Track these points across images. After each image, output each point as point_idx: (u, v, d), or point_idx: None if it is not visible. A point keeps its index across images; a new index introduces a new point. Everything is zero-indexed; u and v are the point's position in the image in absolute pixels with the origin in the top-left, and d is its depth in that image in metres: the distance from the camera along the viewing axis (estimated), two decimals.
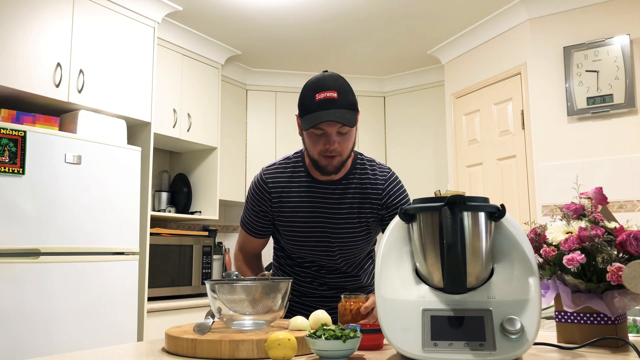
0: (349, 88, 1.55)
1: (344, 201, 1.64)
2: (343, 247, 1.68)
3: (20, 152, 2.51)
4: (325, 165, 1.57)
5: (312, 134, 1.54)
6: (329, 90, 1.49)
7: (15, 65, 2.67)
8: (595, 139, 3.18)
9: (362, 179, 1.66)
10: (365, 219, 1.66)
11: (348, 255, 1.71)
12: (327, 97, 1.48)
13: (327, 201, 1.64)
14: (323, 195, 1.64)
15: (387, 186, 1.67)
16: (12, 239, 2.47)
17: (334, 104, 1.48)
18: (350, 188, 1.65)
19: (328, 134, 1.52)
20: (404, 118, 4.74)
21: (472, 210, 1.08)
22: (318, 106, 1.49)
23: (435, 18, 3.71)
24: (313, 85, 1.53)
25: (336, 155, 1.55)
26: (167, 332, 1.28)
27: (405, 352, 1.05)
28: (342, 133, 1.53)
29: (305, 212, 1.65)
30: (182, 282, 3.60)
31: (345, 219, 1.65)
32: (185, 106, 3.83)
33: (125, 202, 2.97)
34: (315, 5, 3.51)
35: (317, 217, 1.65)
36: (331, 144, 1.52)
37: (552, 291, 1.26)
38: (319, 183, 1.65)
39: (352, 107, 1.53)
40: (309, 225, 1.66)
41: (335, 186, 1.64)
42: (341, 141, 1.54)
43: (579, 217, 1.28)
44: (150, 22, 3.39)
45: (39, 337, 2.51)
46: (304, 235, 1.68)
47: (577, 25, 3.29)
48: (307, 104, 1.52)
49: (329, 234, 1.66)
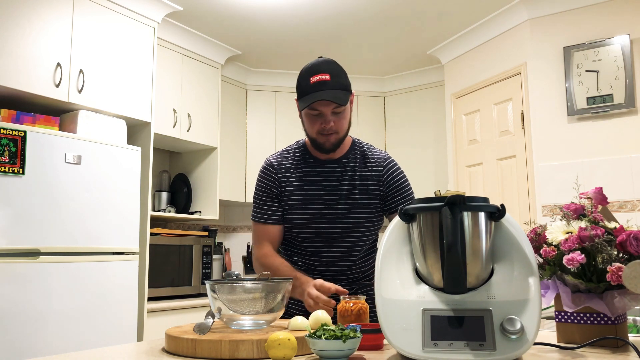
0: (341, 71, 1.68)
1: (345, 179, 1.74)
2: (346, 226, 1.72)
3: (20, 152, 2.51)
4: (323, 142, 1.69)
5: (309, 115, 1.67)
6: (322, 73, 1.63)
7: (15, 65, 2.67)
8: (595, 139, 3.18)
9: (362, 158, 1.78)
10: (367, 197, 1.74)
11: (350, 238, 1.73)
12: (321, 79, 1.62)
13: (329, 179, 1.74)
14: (325, 174, 1.74)
15: (387, 164, 1.78)
16: (12, 239, 2.47)
17: (326, 85, 1.62)
18: (350, 166, 1.76)
19: (324, 114, 1.65)
20: (404, 118, 4.74)
21: (472, 210, 1.08)
22: (312, 88, 1.62)
23: (435, 18, 3.71)
24: (308, 70, 1.67)
25: (332, 133, 1.67)
26: (167, 332, 1.28)
27: (405, 352, 1.05)
28: (336, 112, 1.66)
29: (309, 191, 1.73)
30: (182, 282, 3.60)
31: (347, 197, 1.72)
32: (185, 106, 3.83)
33: (125, 202, 2.97)
34: (316, 5, 3.51)
35: (321, 195, 1.72)
36: (327, 123, 1.65)
37: (552, 291, 1.26)
38: (320, 163, 1.76)
39: (344, 88, 1.66)
40: (312, 204, 1.72)
41: (335, 165, 1.75)
42: (336, 120, 1.66)
43: (579, 217, 1.28)
44: (150, 22, 3.39)
45: (39, 337, 2.51)
46: (308, 214, 1.72)
47: (577, 25, 3.29)
48: (302, 87, 1.66)
49: (332, 212, 1.72)
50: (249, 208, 4.75)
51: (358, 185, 1.74)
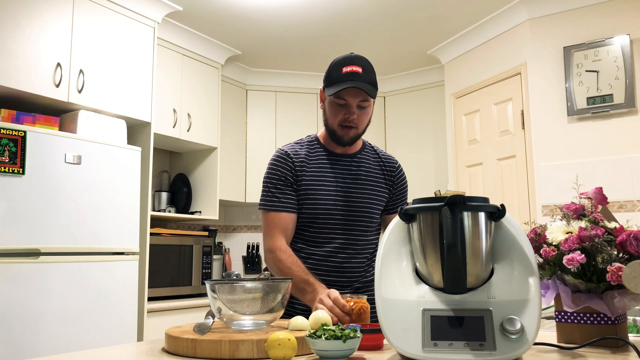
0: (372, 69, 1.70)
1: (361, 174, 1.77)
2: (358, 220, 1.73)
3: (20, 152, 2.51)
4: (342, 135, 1.71)
5: (334, 104, 1.68)
6: (355, 65, 1.65)
7: (16, 65, 2.67)
8: (595, 139, 3.18)
9: (374, 157, 1.83)
10: (379, 195, 1.78)
11: (361, 233, 1.74)
12: (354, 70, 1.64)
13: (346, 172, 1.76)
14: (342, 166, 1.76)
15: (398, 167, 1.86)
16: (12, 239, 2.47)
17: (358, 77, 1.63)
18: (364, 163, 1.80)
19: (349, 105, 1.66)
20: (404, 118, 4.74)
21: (472, 210, 1.08)
22: (344, 77, 1.64)
23: (435, 18, 3.71)
24: (341, 61, 1.69)
25: (353, 127, 1.69)
26: (167, 332, 1.28)
27: (405, 352, 1.05)
28: (362, 106, 1.68)
29: (325, 183, 1.74)
30: (182, 282, 3.60)
31: (361, 191, 1.75)
32: (185, 106, 3.83)
33: (125, 202, 2.97)
34: (316, 5, 3.51)
35: (337, 187, 1.74)
36: (351, 114, 1.66)
37: (552, 291, 1.26)
38: (336, 156, 1.77)
39: (373, 84, 1.67)
40: (328, 195, 1.72)
41: (350, 159, 1.78)
42: (360, 114, 1.68)
43: (579, 217, 1.28)
44: (150, 22, 3.39)
45: (39, 337, 2.51)
46: (323, 205, 1.71)
47: (577, 25, 3.29)
48: (333, 76, 1.67)
49: (346, 205, 1.73)
50: (249, 208, 4.75)
51: (372, 181, 1.78)
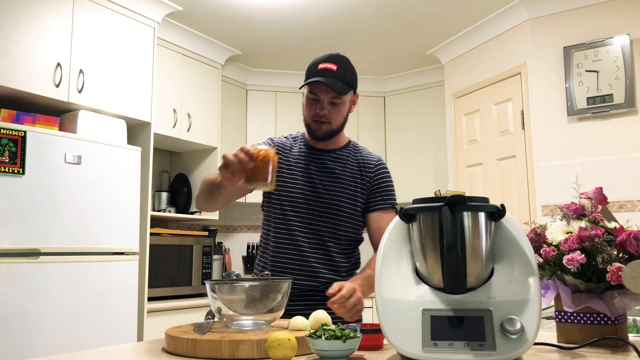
0: (350, 67, 1.75)
1: (337, 167, 1.81)
2: (328, 213, 1.76)
3: (20, 152, 2.51)
4: (315, 129, 1.77)
5: (308, 99, 1.75)
6: (330, 62, 1.71)
7: (16, 65, 2.67)
8: (595, 139, 3.18)
9: (355, 156, 1.86)
10: (354, 192, 1.80)
11: (331, 226, 1.75)
12: (327, 67, 1.70)
13: (320, 165, 1.81)
14: (318, 160, 1.82)
15: (378, 165, 1.86)
16: (12, 239, 2.47)
17: (331, 74, 1.69)
18: (343, 159, 1.84)
19: (321, 100, 1.72)
20: (404, 118, 4.74)
21: (472, 210, 1.08)
22: (317, 73, 1.71)
23: (435, 18, 3.71)
24: (320, 58, 1.75)
25: (326, 122, 1.75)
26: (167, 332, 1.28)
27: (405, 352, 1.05)
28: (333, 103, 1.73)
29: (301, 172, 1.79)
30: (182, 282, 3.60)
31: (334, 186, 1.78)
32: (185, 106, 3.83)
33: (125, 202, 2.97)
34: (316, 5, 3.51)
35: (307, 177, 1.79)
36: (321, 109, 1.73)
37: (552, 291, 1.26)
38: (315, 150, 1.84)
39: (347, 82, 1.72)
40: (302, 184, 1.78)
41: (329, 154, 1.83)
42: (332, 110, 1.74)
43: (579, 217, 1.28)
44: (150, 22, 3.39)
45: (39, 337, 2.51)
46: (296, 193, 1.76)
47: (577, 25, 3.29)
48: (310, 71, 1.74)
49: (317, 196, 1.77)
50: (249, 208, 4.75)
51: (345, 177, 1.80)
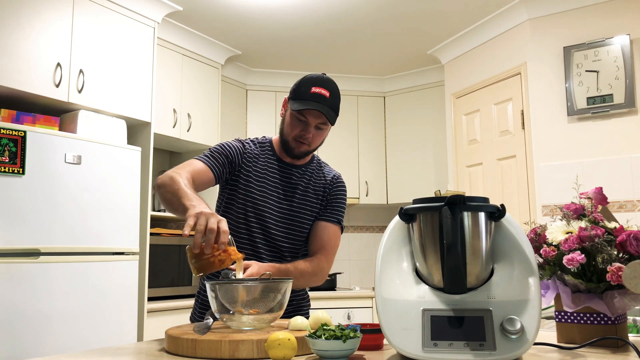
0: (338, 94, 1.77)
1: (300, 184, 1.85)
2: (288, 227, 1.81)
3: (20, 152, 2.51)
4: (294, 147, 1.78)
5: (294, 118, 1.75)
6: (324, 88, 1.72)
7: (16, 65, 2.67)
8: (595, 139, 3.18)
9: (317, 172, 1.91)
10: (313, 207, 1.86)
11: (288, 239, 1.81)
12: (322, 93, 1.71)
13: (286, 179, 1.84)
14: (285, 175, 1.84)
15: (335, 181, 1.91)
16: (12, 239, 2.47)
17: (324, 100, 1.71)
18: (307, 175, 1.88)
19: (309, 124, 1.73)
20: (404, 118, 4.74)
21: (472, 210, 1.08)
22: (311, 97, 1.70)
23: (435, 18, 3.71)
24: (313, 79, 1.75)
25: (306, 144, 1.77)
26: (167, 332, 1.28)
27: (405, 352, 1.05)
28: (320, 128, 1.75)
29: (266, 185, 1.81)
30: (182, 282, 3.60)
31: (298, 201, 1.83)
32: (185, 106, 3.83)
33: (125, 202, 2.97)
34: (316, 5, 3.51)
35: (276, 192, 1.81)
36: (307, 132, 1.74)
37: (552, 291, 1.26)
38: (283, 164, 1.85)
39: (336, 111, 1.76)
40: (267, 197, 1.79)
41: (296, 169, 1.86)
42: (315, 134, 1.76)
43: (579, 217, 1.28)
44: (150, 22, 3.39)
45: (39, 337, 2.50)
46: (260, 205, 1.77)
47: (577, 25, 3.29)
48: (302, 91, 1.73)
49: (280, 211, 1.80)
50: None
51: (308, 193, 1.84)
